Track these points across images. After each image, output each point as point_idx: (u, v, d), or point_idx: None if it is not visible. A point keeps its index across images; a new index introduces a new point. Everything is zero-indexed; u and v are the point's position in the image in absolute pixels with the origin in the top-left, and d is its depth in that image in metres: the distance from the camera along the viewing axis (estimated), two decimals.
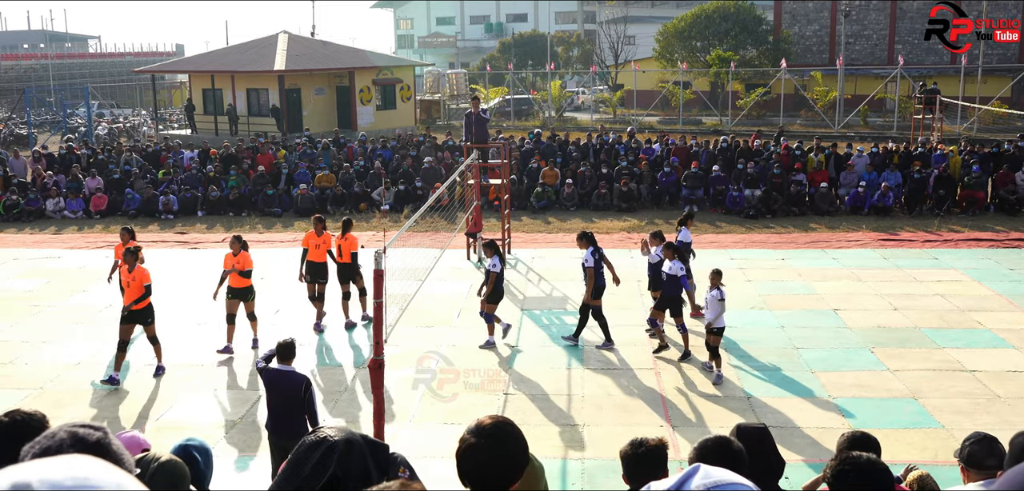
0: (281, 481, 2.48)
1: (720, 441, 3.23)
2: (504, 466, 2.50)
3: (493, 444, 2.49)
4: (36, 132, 41.04)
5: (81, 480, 1.13)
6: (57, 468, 1.15)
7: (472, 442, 2.50)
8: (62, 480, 1.12)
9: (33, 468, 1.14)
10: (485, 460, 2.48)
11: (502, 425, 2.56)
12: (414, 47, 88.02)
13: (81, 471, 1.15)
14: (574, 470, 8.68)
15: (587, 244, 12.21)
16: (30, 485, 1.10)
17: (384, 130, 36.24)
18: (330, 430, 2.50)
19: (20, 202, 22.82)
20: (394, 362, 11.62)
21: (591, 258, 12.01)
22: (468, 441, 2.51)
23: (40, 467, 1.14)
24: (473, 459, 2.49)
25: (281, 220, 22.16)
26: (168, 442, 4.48)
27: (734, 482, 1.86)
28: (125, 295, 11.34)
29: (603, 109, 47.90)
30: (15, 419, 2.86)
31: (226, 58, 41.45)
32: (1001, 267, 16.55)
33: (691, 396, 10.55)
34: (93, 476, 1.15)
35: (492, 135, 22.19)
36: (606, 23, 61.31)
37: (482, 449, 2.49)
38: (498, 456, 2.49)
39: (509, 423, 2.59)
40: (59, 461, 1.18)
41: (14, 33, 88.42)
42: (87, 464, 1.19)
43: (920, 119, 31.53)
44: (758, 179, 22.58)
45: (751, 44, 48.23)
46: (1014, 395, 10.44)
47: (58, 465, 1.16)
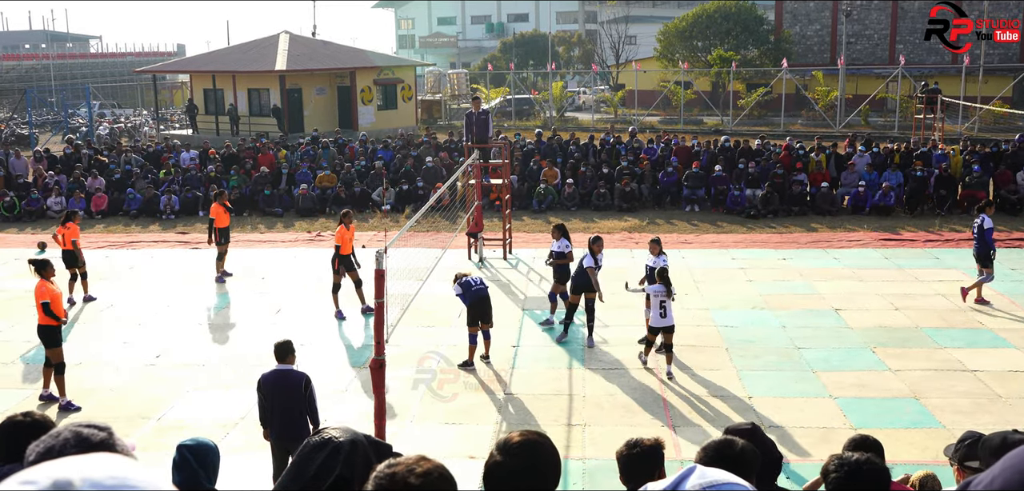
0: (286, 481, 2.49)
1: (722, 444, 3.24)
2: (532, 486, 2.38)
3: (519, 462, 2.38)
4: (37, 132, 41.05)
5: (120, 480, 1.15)
6: (97, 467, 1.17)
7: (499, 459, 2.41)
8: (103, 479, 1.14)
9: (72, 465, 1.16)
10: (509, 478, 2.38)
11: (531, 443, 2.43)
12: (415, 47, 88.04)
13: (120, 471, 1.18)
14: (575, 470, 8.69)
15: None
16: (72, 483, 1.12)
17: (385, 130, 36.24)
18: (335, 431, 2.51)
19: (19, 203, 22.82)
20: (395, 362, 11.63)
21: (592, 259, 12.05)
22: (495, 458, 2.42)
23: (79, 464, 1.17)
24: (497, 476, 2.39)
25: (282, 220, 22.17)
26: (169, 442, 4.48)
27: (729, 482, 1.87)
28: None
29: (604, 109, 47.88)
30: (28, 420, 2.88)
31: (227, 58, 41.47)
32: (1002, 267, 16.52)
33: (692, 397, 10.55)
34: (131, 476, 1.18)
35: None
36: (607, 23, 61.29)
37: (506, 467, 2.38)
38: (525, 474, 2.37)
39: (539, 440, 2.47)
40: (97, 459, 1.20)
41: (16, 33, 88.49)
42: (124, 464, 1.21)
43: (921, 119, 31.51)
44: (759, 179, 22.57)
45: (752, 44, 48.21)
46: (1015, 395, 10.43)
47: (97, 463, 1.19)
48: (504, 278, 16.25)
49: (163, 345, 12.68)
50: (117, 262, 18.02)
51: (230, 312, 14.62)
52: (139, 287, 16.08)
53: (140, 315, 14.25)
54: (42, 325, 10.30)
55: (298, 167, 24.47)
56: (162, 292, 15.67)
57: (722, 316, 13.60)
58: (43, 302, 10.21)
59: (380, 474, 2.01)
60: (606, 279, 15.87)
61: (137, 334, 13.26)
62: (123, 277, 16.84)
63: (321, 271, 16.91)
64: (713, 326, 13.02)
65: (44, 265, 10.57)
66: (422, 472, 1.98)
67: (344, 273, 13.84)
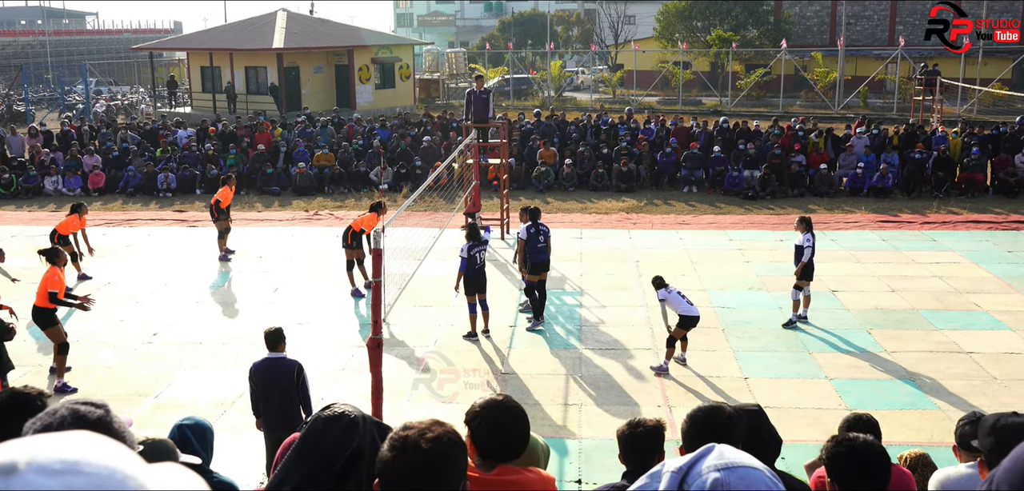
0: (298, 455, 2.48)
1: (712, 410, 3.23)
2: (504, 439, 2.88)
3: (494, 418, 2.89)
4: (34, 109, 40.89)
5: (71, 463, 1.09)
6: (49, 448, 1.11)
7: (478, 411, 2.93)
8: (50, 462, 1.08)
9: (24, 446, 1.10)
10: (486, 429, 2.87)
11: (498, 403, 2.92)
12: (413, 26, 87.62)
13: (73, 453, 1.10)
14: (572, 449, 8.73)
15: (529, 217, 12.15)
16: (16, 466, 1.07)
17: (383, 109, 36.14)
18: (345, 406, 2.53)
19: (16, 180, 22.77)
20: (392, 341, 11.65)
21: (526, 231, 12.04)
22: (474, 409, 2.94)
23: (32, 445, 1.11)
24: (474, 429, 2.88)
25: (279, 199, 22.14)
26: (167, 419, 4.49)
27: (746, 465, 1.85)
28: None
29: (603, 89, 47.74)
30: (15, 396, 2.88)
31: (224, 36, 41.25)
32: (999, 249, 16.57)
33: (688, 377, 10.58)
34: (84, 458, 1.10)
35: None
36: (606, 2, 61.01)
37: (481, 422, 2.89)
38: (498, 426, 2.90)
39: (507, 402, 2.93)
40: (55, 439, 1.14)
41: (11, 9, 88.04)
42: (82, 445, 1.14)
43: (920, 100, 31.46)
44: (757, 160, 22.56)
45: (752, 24, 48.03)
46: (1010, 376, 10.48)
47: (51, 444, 1.12)
48: (502, 258, 16.26)
49: (160, 323, 12.70)
50: (114, 240, 18.00)
51: (228, 290, 14.63)
52: (136, 265, 16.07)
53: (137, 293, 14.25)
54: (38, 307, 10.28)
55: (296, 146, 24.41)
56: (159, 270, 15.67)
57: (719, 297, 13.63)
58: (51, 292, 10.16)
59: (394, 437, 2.09)
60: (604, 259, 15.93)
61: (134, 312, 13.27)
62: (120, 255, 16.83)
63: (319, 249, 16.93)
64: (710, 307, 13.04)
65: (55, 254, 10.58)
66: (433, 437, 2.06)
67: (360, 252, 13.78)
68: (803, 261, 12.03)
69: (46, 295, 10.19)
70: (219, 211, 15.90)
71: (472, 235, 11.65)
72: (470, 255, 11.49)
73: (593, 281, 14.54)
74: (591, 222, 19.21)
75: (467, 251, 11.49)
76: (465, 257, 11.48)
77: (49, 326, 10.33)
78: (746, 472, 1.82)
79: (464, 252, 11.51)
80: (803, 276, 12.17)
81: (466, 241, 11.61)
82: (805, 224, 12.20)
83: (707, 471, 1.82)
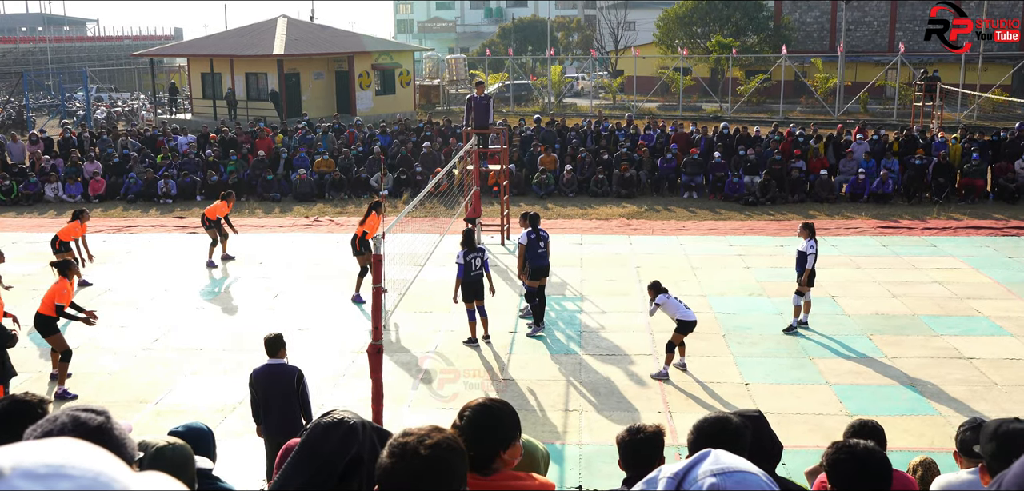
0: (298, 462, 2.48)
1: (718, 421, 3.22)
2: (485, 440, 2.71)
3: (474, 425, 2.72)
4: (34, 116, 40.91)
5: (55, 467, 1.10)
6: (34, 453, 1.11)
7: None
8: (35, 466, 1.09)
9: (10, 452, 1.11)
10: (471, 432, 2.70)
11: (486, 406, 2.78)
12: (413, 32, 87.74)
13: (58, 458, 1.11)
14: (572, 455, 8.71)
15: (527, 224, 12.17)
16: (2, 470, 1.07)
17: (383, 115, 36.16)
18: (345, 412, 2.53)
19: (16, 187, 22.78)
20: (392, 347, 11.65)
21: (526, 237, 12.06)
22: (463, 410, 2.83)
23: (17, 451, 1.12)
24: None
25: (280, 205, 22.14)
26: (167, 426, 4.48)
27: (742, 470, 1.84)
28: None
29: (603, 95, 47.77)
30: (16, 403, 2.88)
31: (225, 42, 41.34)
32: (1000, 255, 16.57)
33: (688, 383, 10.57)
34: (69, 463, 1.11)
35: None
36: (606, 8, 61.08)
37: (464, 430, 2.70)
38: None
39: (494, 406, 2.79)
40: (41, 445, 1.15)
41: (12, 16, 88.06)
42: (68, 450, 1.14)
43: (920, 106, 31.48)
44: (758, 166, 22.56)
45: (752, 30, 48.10)
46: (1011, 382, 10.47)
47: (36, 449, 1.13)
48: (502, 264, 16.26)
49: (161, 329, 12.69)
50: (115, 246, 18.00)
51: (228, 296, 14.63)
52: (137, 271, 16.07)
53: (138, 299, 14.25)
54: (41, 314, 10.26)
55: (296, 152, 24.42)
56: (160, 276, 15.67)
57: (719, 302, 13.62)
58: (58, 304, 10.14)
59: (394, 443, 2.08)
60: (604, 265, 15.92)
61: (135, 318, 13.26)
62: (121, 261, 16.83)
63: (319, 255, 16.93)
64: (710, 313, 13.03)
65: (67, 266, 10.57)
66: (433, 443, 2.05)
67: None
68: (808, 268, 12.00)
69: (52, 305, 10.19)
70: (207, 222, 15.96)
71: (467, 241, 11.67)
72: (466, 261, 11.52)
73: (593, 287, 14.54)
74: (591, 228, 19.22)
75: (462, 258, 11.54)
76: (461, 264, 11.52)
77: (50, 334, 10.33)
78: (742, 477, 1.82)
79: (460, 259, 11.56)
80: (806, 282, 12.16)
81: (461, 248, 11.66)
82: (809, 230, 12.16)
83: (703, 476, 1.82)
